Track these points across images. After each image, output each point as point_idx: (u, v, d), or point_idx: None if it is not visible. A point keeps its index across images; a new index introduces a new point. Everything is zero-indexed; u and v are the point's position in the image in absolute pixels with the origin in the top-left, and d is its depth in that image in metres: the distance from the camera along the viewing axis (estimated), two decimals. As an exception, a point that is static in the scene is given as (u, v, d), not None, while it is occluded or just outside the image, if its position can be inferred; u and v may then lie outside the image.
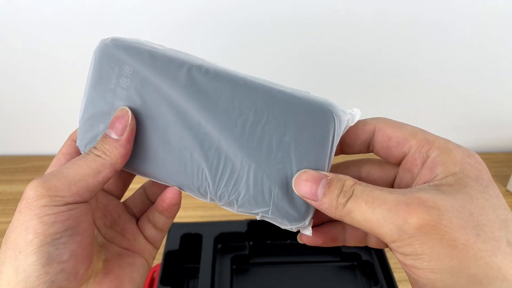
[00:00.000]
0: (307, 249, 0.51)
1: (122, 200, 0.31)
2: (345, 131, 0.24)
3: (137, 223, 0.30)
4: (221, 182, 0.25)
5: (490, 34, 0.59)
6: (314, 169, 0.24)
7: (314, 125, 0.24)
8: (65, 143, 0.28)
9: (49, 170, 0.26)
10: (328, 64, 0.63)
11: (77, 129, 0.27)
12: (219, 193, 0.25)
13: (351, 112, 0.24)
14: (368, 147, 0.25)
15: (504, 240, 0.19)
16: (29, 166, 0.70)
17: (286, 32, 0.59)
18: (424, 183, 0.22)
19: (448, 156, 0.21)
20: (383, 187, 0.21)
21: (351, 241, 0.27)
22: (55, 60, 0.62)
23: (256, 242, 0.51)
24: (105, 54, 0.26)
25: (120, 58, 0.25)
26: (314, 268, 0.49)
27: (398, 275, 0.48)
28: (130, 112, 0.25)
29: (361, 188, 0.21)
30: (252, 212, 0.25)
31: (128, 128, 0.25)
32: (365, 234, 0.27)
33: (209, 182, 0.25)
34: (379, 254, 0.48)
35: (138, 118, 0.26)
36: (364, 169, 0.26)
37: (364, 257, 0.48)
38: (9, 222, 0.64)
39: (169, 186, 0.27)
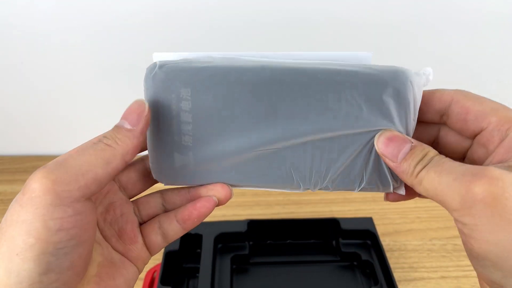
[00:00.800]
0: (306, 249, 0.51)
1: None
2: (423, 90, 0.25)
3: (140, 226, 0.28)
4: (312, 171, 0.26)
5: (489, 34, 0.60)
6: (399, 130, 0.24)
7: (389, 93, 0.24)
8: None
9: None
10: None
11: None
12: (313, 181, 0.26)
13: (424, 72, 0.25)
14: (442, 117, 0.25)
15: None
16: (29, 166, 0.71)
17: (286, 32, 0.59)
18: (498, 162, 0.22)
19: None
20: (457, 161, 0.22)
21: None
22: (55, 60, 0.62)
23: (256, 242, 0.51)
24: (157, 82, 0.25)
25: (174, 83, 0.25)
26: (314, 268, 0.49)
27: (398, 275, 0.48)
28: (147, 104, 0.24)
29: (438, 159, 0.22)
30: (348, 188, 0.26)
31: (143, 119, 0.23)
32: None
33: (303, 177, 0.26)
34: (379, 254, 0.48)
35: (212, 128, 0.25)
36: (443, 130, 0.26)
37: (364, 257, 0.48)
38: None
39: (203, 197, 0.27)
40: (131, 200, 0.28)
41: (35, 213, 0.20)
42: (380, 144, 0.24)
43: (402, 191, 0.26)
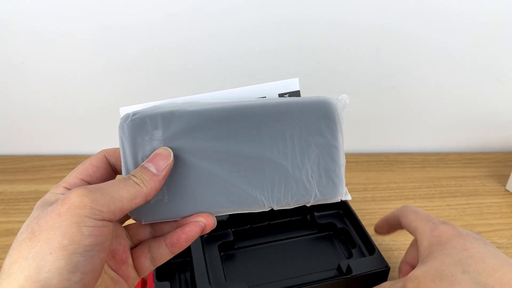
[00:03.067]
0: (285, 227, 0.54)
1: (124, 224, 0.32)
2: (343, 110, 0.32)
3: (131, 250, 0.31)
4: (273, 190, 0.30)
5: (488, 34, 0.62)
6: (334, 144, 0.31)
7: (320, 116, 0.30)
8: (96, 155, 0.29)
9: (73, 175, 0.28)
10: (327, 64, 0.64)
11: (110, 148, 0.30)
12: (275, 200, 0.30)
13: (342, 98, 0.32)
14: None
15: (460, 271, 0.28)
16: (29, 166, 0.70)
17: (286, 32, 0.60)
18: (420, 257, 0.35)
19: (423, 236, 0.34)
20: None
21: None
22: (55, 60, 0.61)
23: (238, 227, 0.53)
24: (131, 129, 0.29)
25: (146, 127, 0.29)
26: (294, 243, 0.53)
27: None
28: (172, 154, 0.28)
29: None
30: (304, 202, 0.31)
31: (167, 167, 0.28)
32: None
33: (265, 195, 0.30)
34: (353, 220, 0.52)
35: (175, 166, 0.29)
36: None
37: (339, 225, 0.52)
38: (11, 221, 0.61)
39: (190, 221, 0.30)
40: (123, 225, 0.32)
41: (71, 221, 0.23)
42: None
43: (348, 197, 0.32)
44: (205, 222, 0.30)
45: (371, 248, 0.48)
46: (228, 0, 0.58)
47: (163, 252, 0.31)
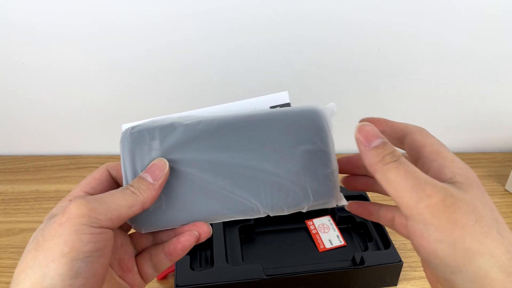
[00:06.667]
0: (304, 217, 0.56)
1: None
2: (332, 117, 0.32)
3: (135, 257, 0.32)
4: (267, 196, 0.31)
5: (488, 35, 0.61)
6: (324, 150, 0.31)
7: (309, 124, 0.31)
8: (98, 169, 0.31)
9: (77, 189, 0.30)
10: (328, 64, 0.64)
11: (112, 162, 0.32)
12: (269, 206, 0.31)
13: (330, 107, 0.32)
14: (400, 144, 0.31)
15: (495, 230, 0.24)
16: (30, 166, 0.71)
17: (285, 32, 0.61)
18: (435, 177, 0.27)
19: (453, 163, 0.27)
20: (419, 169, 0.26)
21: (382, 220, 0.32)
22: (55, 60, 0.63)
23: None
24: (130, 142, 0.30)
25: (144, 139, 0.30)
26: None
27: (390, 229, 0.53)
28: (167, 164, 0.30)
29: (406, 160, 0.26)
30: (299, 208, 0.31)
31: (163, 177, 0.29)
32: (393, 217, 0.31)
33: (260, 201, 0.31)
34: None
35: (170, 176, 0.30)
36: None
37: (358, 219, 0.53)
38: (11, 221, 0.63)
39: (185, 231, 0.31)
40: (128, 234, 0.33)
41: (71, 229, 0.24)
42: (358, 130, 0.27)
43: (344, 202, 0.32)
44: (199, 231, 0.31)
45: (386, 242, 0.48)
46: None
47: (163, 260, 0.32)
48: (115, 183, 0.32)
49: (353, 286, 0.48)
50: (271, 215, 0.31)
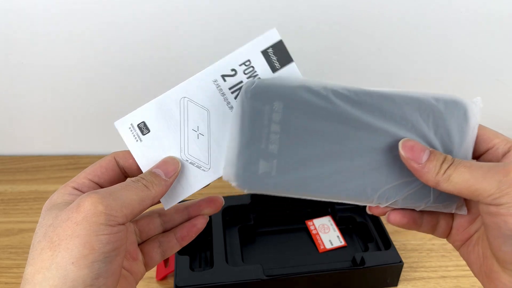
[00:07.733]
0: (304, 218, 0.55)
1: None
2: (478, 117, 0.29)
3: (140, 245, 0.32)
4: (386, 185, 0.28)
5: (489, 34, 0.61)
6: (462, 156, 0.28)
7: (453, 119, 0.28)
8: (106, 157, 0.30)
9: (81, 175, 0.29)
10: (328, 64, 0.64)
11: (120, 150, 0.30)
12: (385, 196, 0.28)
13: (477, 100, 0.29)
14: None
15: None
16: (29, 166, 0.71)
17: (285, 33, 0.61)
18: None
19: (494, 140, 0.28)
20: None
21: (425, 227, 0.31)
22: (55, 60, 0.62)
23: (259, 213, 0.55)
24: (255, 94, 0.28)
25: (269, 96, 0.28)
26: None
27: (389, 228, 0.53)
28: (180, 163, 0.29)
29: (460, 160, 0.26)
30: (415, 206, 0.29)
31: (175, 174, 0.29)
32: (437, 223, 0.30)
33: (376, 189, 0.28)
34: (372, 216, 0.53)
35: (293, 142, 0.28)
36: None
37: (359, 219, 0.53)
38: (11, 221, 0.62)
39: (197, 214, 0.32)
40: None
41: (90, 229, 0.24)
42: (404, 149, 0.27)
43: (464, 211, 0.29)
44: (208, 213, 0.32)
45: (387, 243, 0.48)
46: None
47: (173, 246, 0.33)
48: (122, 174, 0.31)
49: (353, 287, 0.48)
50: (382, 206, 0.29)
